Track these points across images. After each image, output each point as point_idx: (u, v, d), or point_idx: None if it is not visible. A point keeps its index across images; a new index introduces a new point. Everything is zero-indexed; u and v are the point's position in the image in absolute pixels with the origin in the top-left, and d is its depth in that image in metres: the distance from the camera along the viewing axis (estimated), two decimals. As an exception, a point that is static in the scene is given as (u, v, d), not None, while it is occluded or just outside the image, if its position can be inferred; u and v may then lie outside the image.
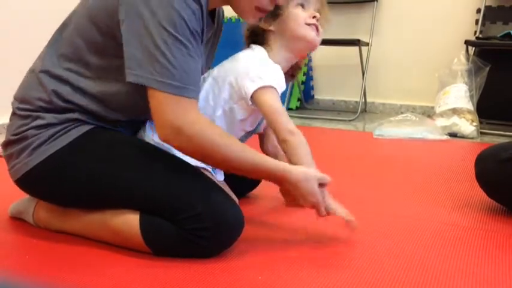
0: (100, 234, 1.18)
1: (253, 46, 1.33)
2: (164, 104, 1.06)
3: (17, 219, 1.34)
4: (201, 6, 1.08)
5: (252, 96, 1.23)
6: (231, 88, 1.25)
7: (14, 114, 1.20)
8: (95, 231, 1.18)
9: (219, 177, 1.34)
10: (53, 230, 1.25)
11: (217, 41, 1.37)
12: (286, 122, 1.20)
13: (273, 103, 1.21)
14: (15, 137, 1.17)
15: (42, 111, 1.16)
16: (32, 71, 1.21)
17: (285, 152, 1.21)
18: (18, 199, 1.34)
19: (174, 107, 1.06)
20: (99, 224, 1.17)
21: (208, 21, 1.21)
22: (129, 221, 1.12)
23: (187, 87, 1.06)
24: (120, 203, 1.14)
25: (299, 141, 1.20)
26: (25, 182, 1.19)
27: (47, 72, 1.17)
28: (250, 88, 1.22)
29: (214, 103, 1.28)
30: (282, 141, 1.20)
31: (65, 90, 1.15)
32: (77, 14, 1.18)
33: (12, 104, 1.22)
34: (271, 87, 1.22)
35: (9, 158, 1.20)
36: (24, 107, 1.18)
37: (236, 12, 1.24)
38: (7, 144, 1.20)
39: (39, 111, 1.16)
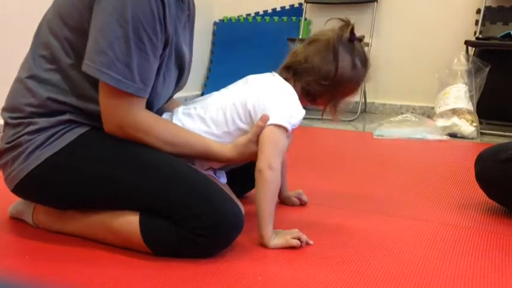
0: (100, 234, 1.18)
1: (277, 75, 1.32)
2: (108, 97, 1.10)
3: (16, 219, 1.34)
4: (164, 6, 1.08)
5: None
6: (250, 117, 1.24)
7: (6, 124, 1.19)
8: (95, 232, 1.18)
9: (222, 180, 1.34)
10: (53, 231, 1.25)
11: (193, 26, 1.34)
12: (273, 156, 1.18)
13: (274, 136, 1.20)
14: (9, 145, 1.16)
15: (33, 117, 1.15)
16: (17, 79, 1.20)
17: (255, 181, 1.18)
18: (17, 199, 1.34)
19: (117, 102, 1.10)
20: (99, 224, 1.17)
21: (181, 7, 1.20)
22: (129, 222, 1.12)
23: (128, 83, 1.08)
24: (119, 204, 1.14)
25: (272, 179, 1.17)
26: (22, 188, 1.18)
27: (32, 77, 1.16)
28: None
29: (227, 126, 1.26)
30: (257, 170, 1.17)
31: (54, 92, 1.15)
32: (48, 14, 1.18)
33: (2, 115, 1.21)
34: (284, 128, 1.21)
35: (4, 166, 1.19)
36: (15, 115, 1.17)
37: None
38: (1, 153, 1.19)
39: (30, 117, 1.15)
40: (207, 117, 1.25)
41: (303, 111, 1.28)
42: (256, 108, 1.23)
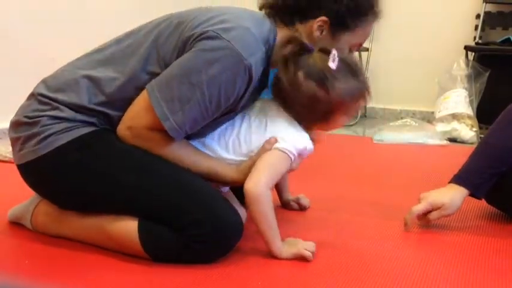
0: (98, 239, 1.17)
1: None
2: (145, 110, 1.11)
3: (15, 223, 1.33)
4: (248, 84, 1.10)
5: None
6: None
7: (33, 95, 1.19)
8: (93, 236, 1.18)
9: (224, 188, 1.33)
10: (51, 235, 1.24)
11: None
12: (264, 176, 1.13)
13: (275, 160, 1.17)
14: (28, 119, 1.16)
15: (63, 105, 1.15)
16: (72, 70, 1.20)
17: (246, 201, 1.16)
18: (17, 204, 1.33)
19: (148, 120, 1.11)
20: (97, 229, 1.17)
21: (264, 82, 1.22)
22: (128, 227, 1.12)
23: (172, 125, 1.10)
24: (119, 206, 1.14)
25: (259, 197, 1.12)
26: (28, 169, 1.18)
27: (89, 78, 1.17)
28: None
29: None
30: (244, 189, 1.13)
31: (97, 102, 1.15)
32: (142, 42, 1.18)
33: (38, 86, 1.20)
34: (287, 155, 1.18)
35: (16, 140, 1.18)
36: (48, 94, 1.17)
37: None
38: (18, 124, 1.18)
39: (61, 103, 1.15)
40: (209, 143, 1.23)
41: (310, 143, 1.25)
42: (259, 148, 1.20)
